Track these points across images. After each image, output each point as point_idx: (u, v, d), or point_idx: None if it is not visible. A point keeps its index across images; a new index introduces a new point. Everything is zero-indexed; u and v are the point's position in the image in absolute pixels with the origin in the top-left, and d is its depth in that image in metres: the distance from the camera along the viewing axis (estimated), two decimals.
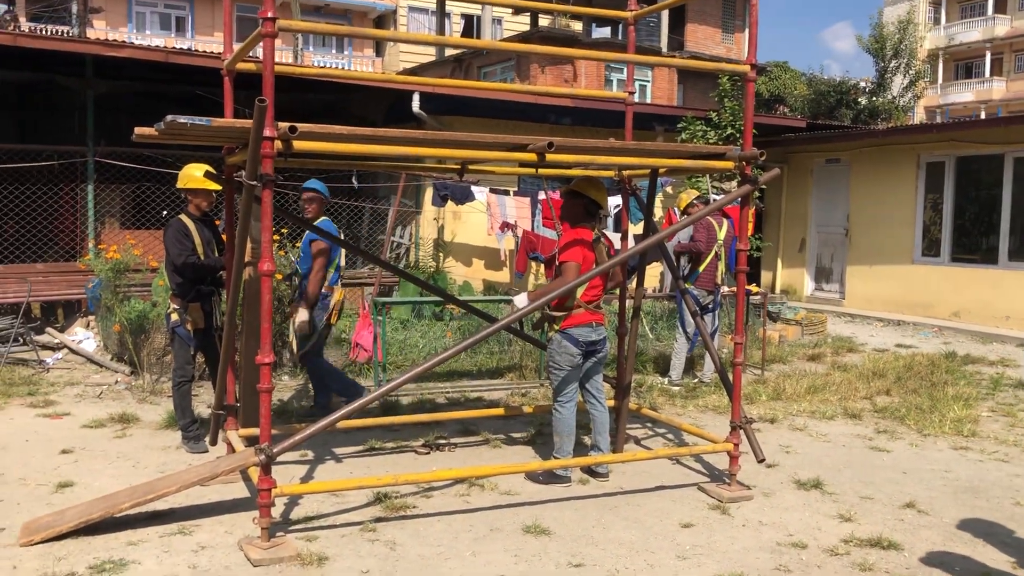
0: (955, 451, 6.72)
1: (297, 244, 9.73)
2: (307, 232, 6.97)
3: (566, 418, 5.81)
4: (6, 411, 7.27)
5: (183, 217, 6.35)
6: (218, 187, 6.18)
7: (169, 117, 4.43)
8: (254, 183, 4.46)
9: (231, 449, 5.54)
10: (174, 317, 6.30)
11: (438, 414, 7.03)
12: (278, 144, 4.40)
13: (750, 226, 13.98)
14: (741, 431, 5.67)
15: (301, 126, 4.38)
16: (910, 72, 26.30)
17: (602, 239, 5.98)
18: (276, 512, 4.88)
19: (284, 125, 4.35)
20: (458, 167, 6.23)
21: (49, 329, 9.83)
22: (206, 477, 4.89)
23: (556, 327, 5.76)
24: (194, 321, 6.31)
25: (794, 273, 16.58)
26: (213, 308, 6.44)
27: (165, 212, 11.45)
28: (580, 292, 5.70)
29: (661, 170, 6.45)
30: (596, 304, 5.86)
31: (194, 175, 6.26)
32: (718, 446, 5.78)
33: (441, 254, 13.11)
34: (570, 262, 5.64)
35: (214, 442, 6.04)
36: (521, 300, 5.69)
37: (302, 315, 7.01)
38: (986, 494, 5.71)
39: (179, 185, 6.46)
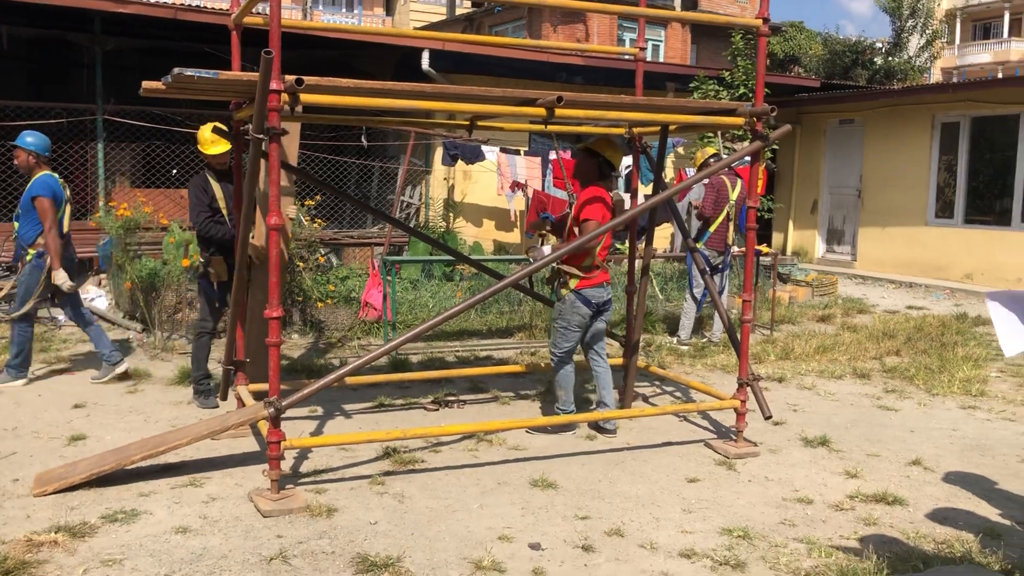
0: (963, 410, 6.73)
1: (308, 202, 9.75)
2: (28, 187, 6.67)
3: (567, 372, 5.90)
4: None
5: (206, 173, 6.35)
6: (222, 147, 6.16)
7: (176, 70, 4.41)
8: (261, 136, 4.45)
9: (241, 404, 5.58)
10: (200, 268, 6.37)
11: (448, 371, 7.07)
12: (285, 97, 4.38)
13: (761, 186, 13.91)
14: (748, 388, 5.67)
15: (308, 79, 4.36)
16: (927, 32, 25.91)
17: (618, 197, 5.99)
18: (286, 465, 4.94)
19: (291, 78, 4.33)
20: (467, 123, 6.20)
21: None
22: (216, 430, 4.94)
23: (571, 287, 5.76)
24: (217, 274, 6.30)
25: (806, 235, 16.49)
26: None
27: (175, 171, 11.46)
28: (597, 251, 5.71)
29: (672, 127, 6.41)
30: (604, 264, 5.89)
31: (203, 136, 6.26)
32: (725, 403, 5.80)
33: (451, 214, 13.09)
34: (592, 220, 5.65)
35: (224, 397, 6.10)
36: (547, 250, 5.73)
37: (60, 276, 6.64)
38: (992, 452, 5.72)
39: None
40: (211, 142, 6.21)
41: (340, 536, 4.18)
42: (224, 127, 6.17)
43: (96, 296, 9.65)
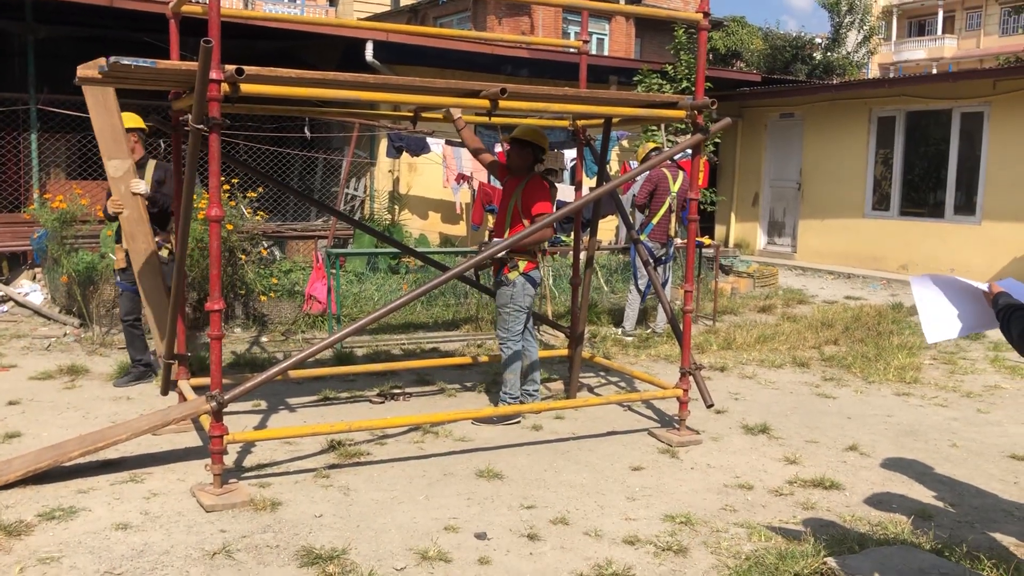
0: (898, 397, 6.92)
1: (249, 194, 9.62)
2: None
3: (517, 356, 6.04)
4: None
5: None
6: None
7: (113, 58, 4.31)
8: (200, 127, 4.38)
9: (182, 398, 5.50)
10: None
11: (393, 364, 7.05)
12: (225, 87, 4.32)
13: (703, 179, 14.06)
14: (691, 377, 5.76)
15: (248, 69, 4.30)
16: (864, 28, 26.43)
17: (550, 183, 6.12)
18: (229, 460, 4.89)
19: (231, 67, 4.27)
20: (412, 115, 6.17)
21: None
22: (157, 425, 4.86)
23: (520, 269, 5.88)
24: (117, 261, 6.53)
25: (747, 227, 16.76)
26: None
27: None
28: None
29: (615, 120, 6.47)
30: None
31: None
32: (668, 392, 5.88)
33: (396, 207, 13.01)
34: (548, 214, 5.81)
35: (165, 392, 6.00)
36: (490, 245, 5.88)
37: None
38: (925, 437, 5.89)
39: None
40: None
41: (284, 529, 4.15)
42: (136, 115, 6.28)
43: (31, 290, 9.41)
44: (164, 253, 6.52)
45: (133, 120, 6.60)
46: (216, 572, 3.70)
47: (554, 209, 6.01)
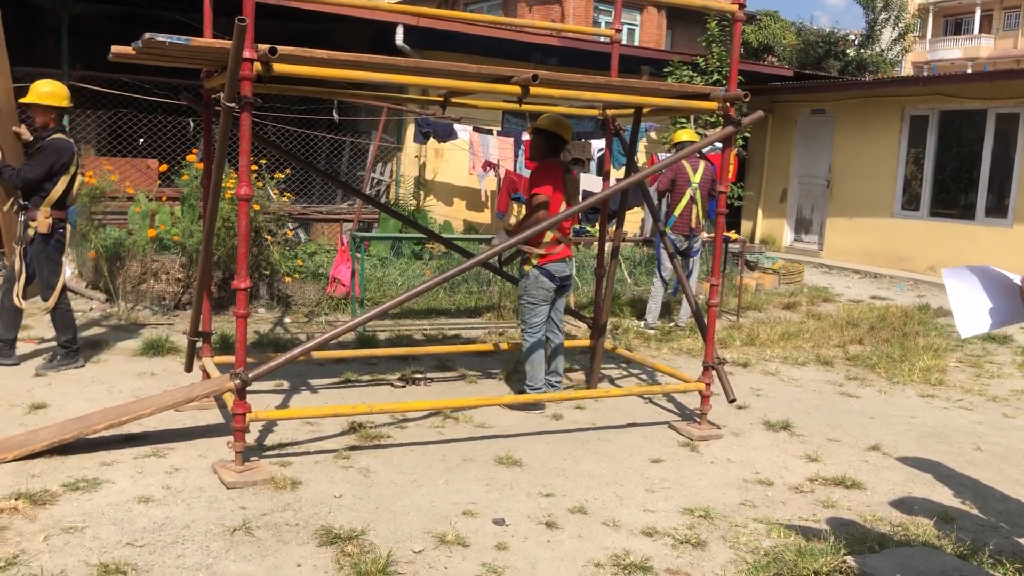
0: (922, 398, 6.85)
1: (277, 175, 9.65)
2: None
3: (536, 347, 5.99)
4: None
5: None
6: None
7: (147, 35, 4.33)
8: (232, 106, 4.39)
9: (206, 375, 5.54)
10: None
11: (415, 348, 7.06)
12: (257, 67, 4.33)
13: (732, 172, 13.98)
14: (713, 372, 5.73)
15: (281, 48, 4.31)
16: (899, 25, 26.12)
17: (571, 172, 6.04)
18: (250, 438, 4.92)
19: (264, 47, 4.27)
20: (441, 100, 6.16)
21: None
22: (181, 401, 4.90)
23: (533, 262, 5.84)
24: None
25: (774, 223, 16.64)
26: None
27: (142, 140, 11.29)
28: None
29: (645, 110, 6.42)
30: (567, 239, 5.99)
31: (53, 90, 6.09)
32: (690, 385, 5.85)
33: (422, 192, 13.02)
34: (540, 196, 5.83)
35: (189, 369, 6.04)
36: (501, 237, 5.82)
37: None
38: (949, 439, 5.83)
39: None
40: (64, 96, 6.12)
41: (304, 508, 4.17)
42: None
43: None
44: (30, 232, 6.17)
45: (47, 95, 6.09)
46: (236, 548, 3.73)
47: (574, 198, 5.97)
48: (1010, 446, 5.75)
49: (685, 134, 9.10)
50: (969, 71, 39.37)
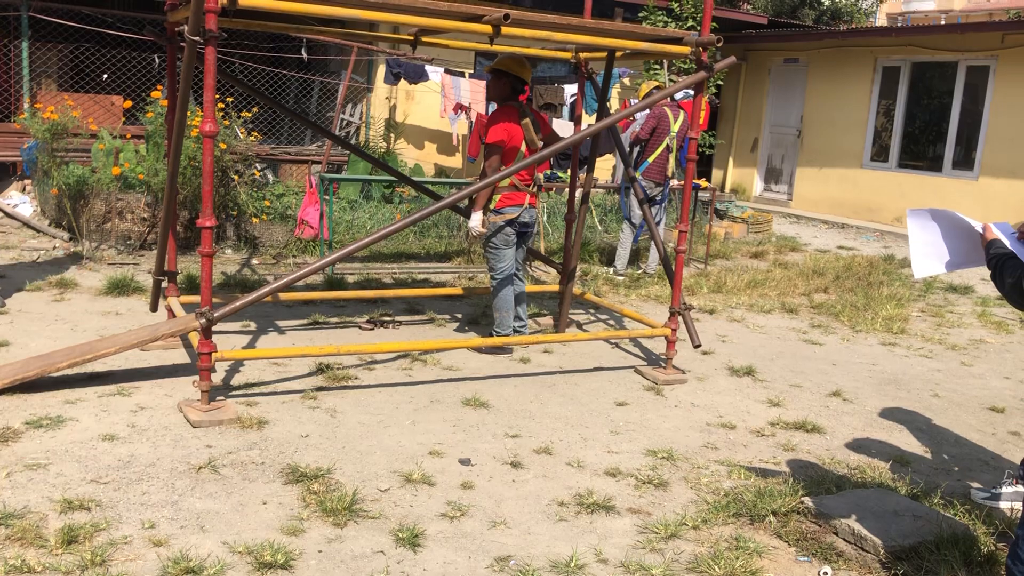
0: (883, 346, 6.97)
1: (244, 114, 9.48)
2: None
3: (504, 293, 5.99)
4: None
5: None
6: None
7: None
8: (196, 39, 4.29)
9: (172, 315, 5.50)
10: None
11: (384, 291, 7.05)
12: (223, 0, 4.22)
13: (704, 120, 13.91)
14: (679, 317, 5.78)
15: None
16: None
17: (529, 113, 5.92)
18: (216, 378, 4.91)
19: None
20: (411, 38, 6.06)
21: None
22: (146, 340, 4.86)
23: (491, 207, 5.85)
24: None
25: (744, 172, 16.68)
26: None
27: (105, 75, 11.02)
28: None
29: (618, 54, 6.36)
30: (528, 185, 5.90)
31: None
32: (656, 330, 5.90)
33: (392, 135, 12.87)
34: (493, 143, 5.75)
35: (155, 308, 5.99)
36: (475, 221, 5.83)
37: None
38: (908, 386, 5.96)
39: None
40: None
41: (271, 447, 4.18)
42: None
43: (20, 202, 9.32)
44: None
45: None
46: (202, 485, 3.74)
47: (536, 141, 5.85)
48: (966, 393, 5.88)
49: (654, 84, 9.04)
50: (943, 23, 39.34)
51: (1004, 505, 4.04)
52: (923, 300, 8.80)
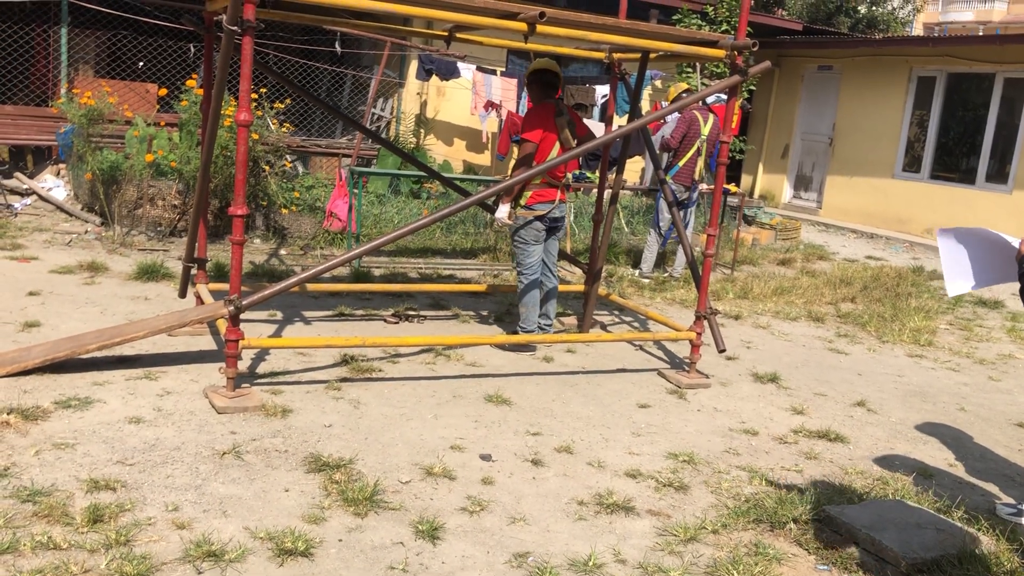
0: (910, 358, 6.90)
1: (276, 105, 9.55)
2: None
3: (531, 289, 6.00)
4: None
5: None
6: None
7: None
8: (235, 29, 4.33)
9: (200, 302, 5.55)
10: None
11: (409, 285, 7.08)
12: None
13: (735, 124, 13.82)
14: (705, 321, 5.76)
15: None
16: None
17: (565, 112, 5.93)
18: (242, 366, 4.95)
19: None
20: (446, 35, 6.08)
21: (18, 174, 9.65)
22: (174, 325, 4.92)
23: (522, 203, 5.85)
24: None
25: (774, 179, 16.57)
26: None
27: (141, 63, 11.14)
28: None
29: (652, 56, 6.34)
30: (560, 181, 5.93)
31: None
32: (681, 334, 5.89)
33: (422, 130, 12.91)
34: (528, 142, 5.79)
35: (183, 295, 6.06)
36: (502, 212, 5.84)
37: None
38: (934, 399, 5.90)
39: None
40: None
41: (294, 436, 4.22)
42: None
43: (54, 186, 9.45)
44: None
45: None
46: (225, 471, 3.78)
47: (572, 139, 5.88)
48: (993, 408, 5.82)
49: (683, 87, 9.01)
50: (980, 34, 38.90)
51: None
52: (952, 313, 8.70)
